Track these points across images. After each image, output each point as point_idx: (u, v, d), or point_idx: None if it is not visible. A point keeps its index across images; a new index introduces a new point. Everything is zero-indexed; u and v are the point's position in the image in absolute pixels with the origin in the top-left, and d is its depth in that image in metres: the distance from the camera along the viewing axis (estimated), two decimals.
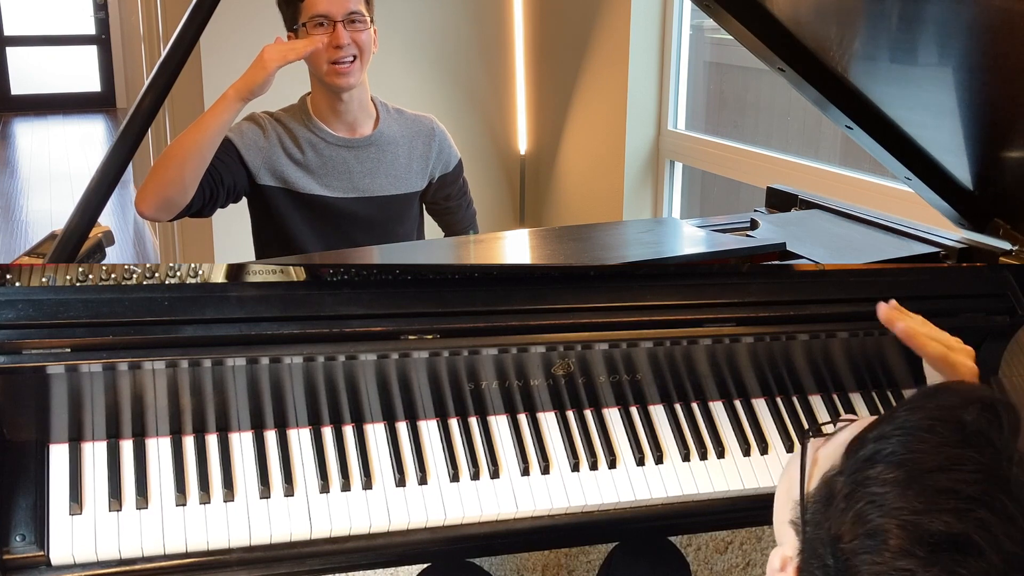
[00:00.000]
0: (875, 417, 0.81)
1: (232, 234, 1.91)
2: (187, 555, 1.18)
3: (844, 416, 0.92)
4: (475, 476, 1.30)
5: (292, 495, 1.23)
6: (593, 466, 1.35)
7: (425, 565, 1.37)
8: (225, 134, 1.77)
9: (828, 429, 0.89)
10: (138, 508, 1.18)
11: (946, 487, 0.70)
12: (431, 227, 2.21)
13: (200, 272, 1.23)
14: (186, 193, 1.72)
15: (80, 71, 8.87)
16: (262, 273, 1.26)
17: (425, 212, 2.15)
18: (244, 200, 1.96)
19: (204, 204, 1.80)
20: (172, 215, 1.79)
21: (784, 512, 0.84)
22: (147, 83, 1.26)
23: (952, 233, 1.62)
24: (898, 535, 0.69)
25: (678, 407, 1.44)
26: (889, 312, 1.16)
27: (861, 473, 0.74)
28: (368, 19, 1.84)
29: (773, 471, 1.39)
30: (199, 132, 1.70)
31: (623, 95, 3.15)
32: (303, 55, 1.76)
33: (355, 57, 1.82)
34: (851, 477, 0.75)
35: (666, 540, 1.50)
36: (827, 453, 0.82)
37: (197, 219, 1.95)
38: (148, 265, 1.22)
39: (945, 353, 1.11)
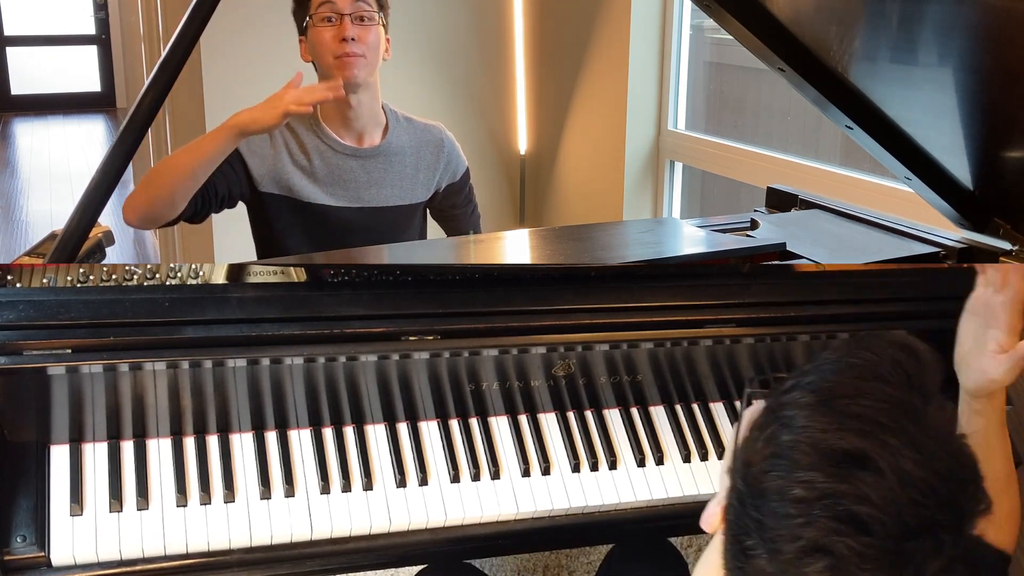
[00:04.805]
0: None
1: (232, 234, 1.90)
2: (188, 556, 1.18)
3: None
4: (476, 477, 1.30)
5: (293, 496, 1.23)
6: (594, 467, 1.35)
7: (423, 566, 1.37)
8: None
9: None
10: (139, 509, 1.18)
11: (854, 412, 0.73)
12: (432, 230, 2.20)
13: (201, 273, 1.23)
14: (175, 209, 1.70)
15: (80, 71, 8.85)
16: (263, 274, 1.26)
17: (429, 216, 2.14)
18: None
19: (195, 214, 1.79)
20: (158, 226, 1.78)
21: (725, 463, 0.86)
22: (147, 83, 1.25)
23: (952, 233, 1.62)
24: (803, 451, 0.72)
25: (679, 408, 1.44)
26: None
27: (778, 401, 0.78)
28: (377, 17, 1.82)
29: None
30: (194, 157, 1.67)
31: (623, 95, 3.15)
32: (321, 100, 1.72)
33: (362, 55, 1.81)
34: (769, 408, 0.78)
35: (664, 540, 1.50)
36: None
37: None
38: (149, 266, 1.22)
39: None
